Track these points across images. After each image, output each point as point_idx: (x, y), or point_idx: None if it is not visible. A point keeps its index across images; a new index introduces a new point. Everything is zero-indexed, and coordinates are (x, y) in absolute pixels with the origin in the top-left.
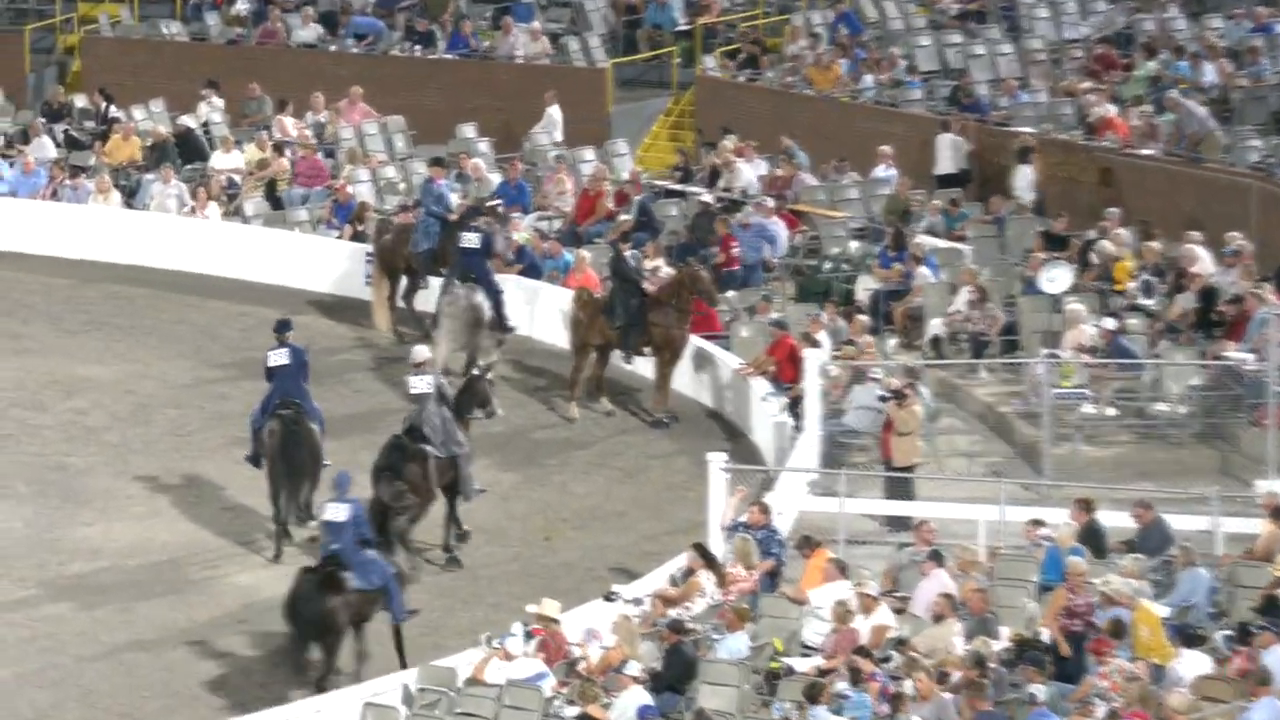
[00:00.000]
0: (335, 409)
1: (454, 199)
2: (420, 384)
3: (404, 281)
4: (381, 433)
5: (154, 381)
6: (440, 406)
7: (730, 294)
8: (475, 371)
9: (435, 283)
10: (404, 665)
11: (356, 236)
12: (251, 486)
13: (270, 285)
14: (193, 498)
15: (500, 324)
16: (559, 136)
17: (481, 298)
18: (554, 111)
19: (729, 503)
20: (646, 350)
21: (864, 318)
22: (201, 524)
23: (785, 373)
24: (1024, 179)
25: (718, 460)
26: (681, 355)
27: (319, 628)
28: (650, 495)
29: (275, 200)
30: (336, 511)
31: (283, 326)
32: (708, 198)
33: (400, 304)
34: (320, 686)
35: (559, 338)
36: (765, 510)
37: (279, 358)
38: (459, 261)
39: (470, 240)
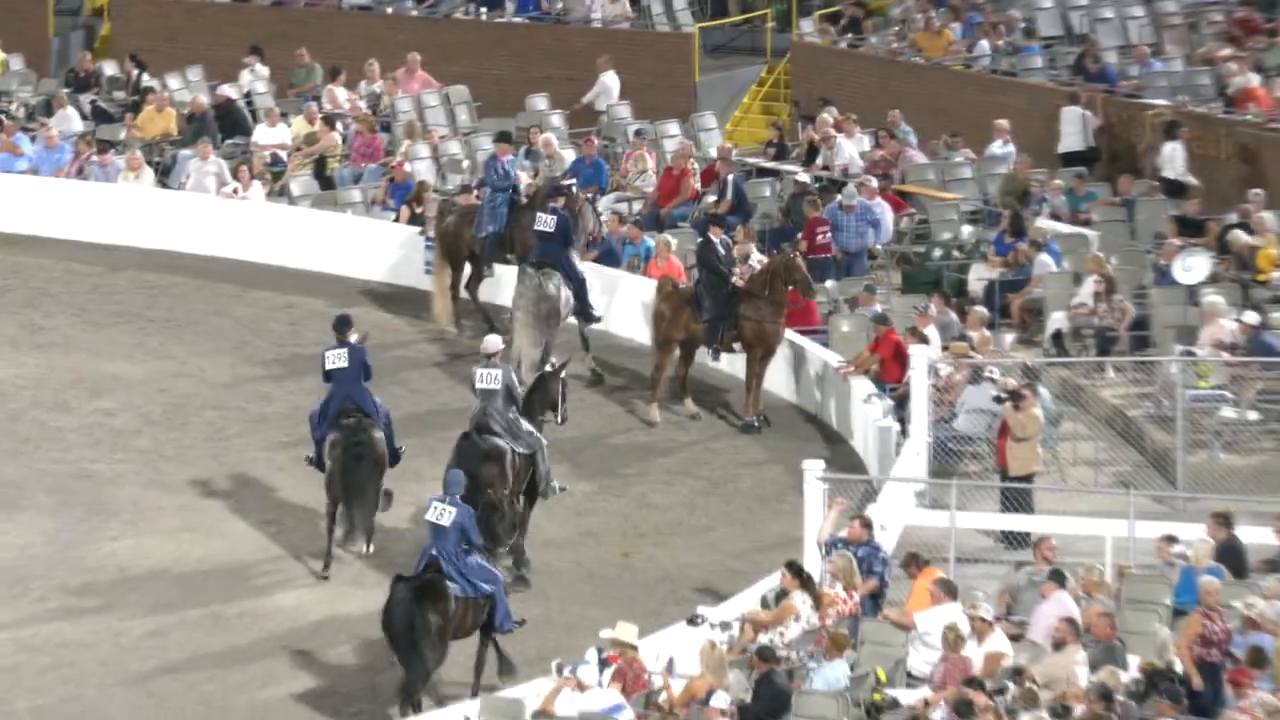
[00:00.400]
0: (390, 410)
1: (522, 178)
2: (488, 378)
3: (467, 269)
4: (439, 437)
5: (189, 380)
6: (508, 406)
7: (829, 284)
8: (549, 368)
9: (502, 271)
10: (509, 670)
11: (415, 219)
12: (298, 496)
13: (319, 273)
14: (231, 509)
15: (584, 314)
16: (614, 103)
17: (556, 286)
18: (608, 79)
19: (827, 516)
20: (736, 347)
21: (980, 309)
22: (240, 539)
23: (890, 372)
24: (1173, 158)
25: (814, 469)
26: (775, 352)
27: (418, 639)
28: (739, 508)
29: (325, 179)
30: (442, 514)
31: (342, 324)
32: (804, 177)
33: (463, 294)
34: (414, 704)
35: (639, 332)
36: (867, 525)
37: (337, 359)
38: (534, 246)
39: (545, 223)
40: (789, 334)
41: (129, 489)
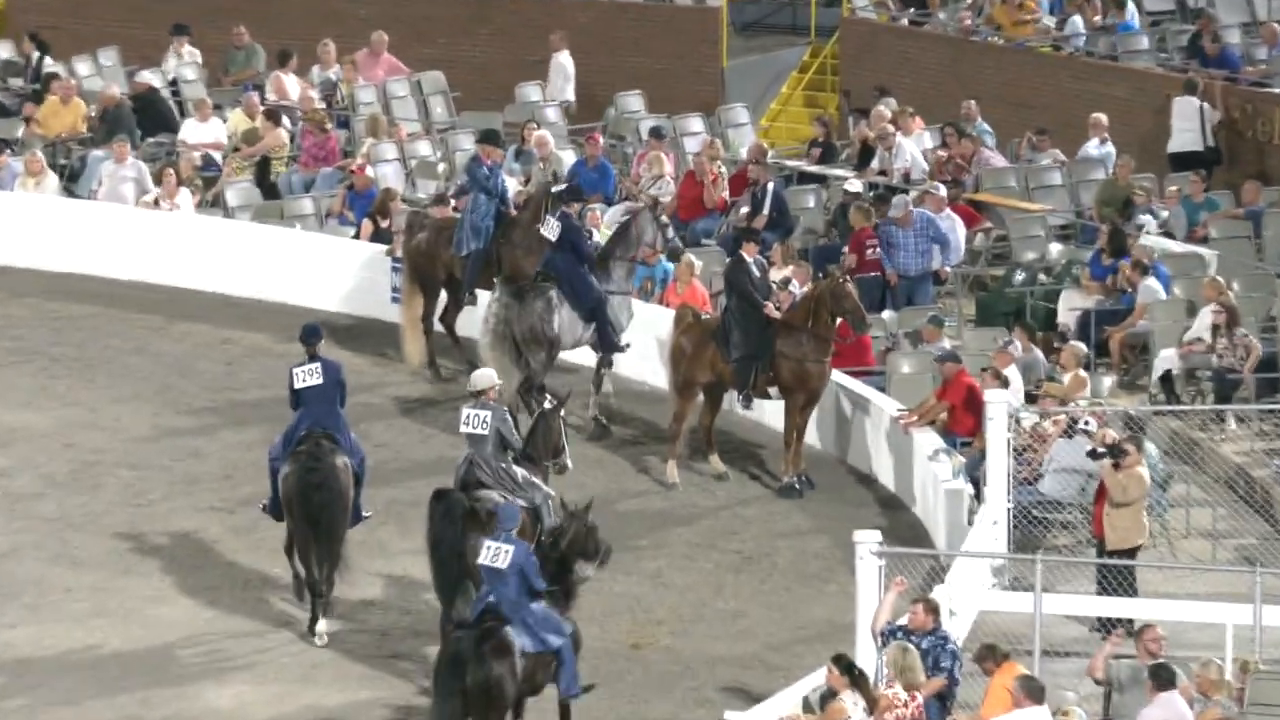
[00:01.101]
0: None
1: (511, 186)
2: (476, 420)
3: (443, 297)
4: (410, 500)
5: (103, 433)
6: (500, 454)
7: (886, 315)
8: (547, 404)
9: (486, 299)
10: None
11: (379, 235)
12: (236, 572)
13: (261, 302)
14: (154, 590)
15: (603, 344)
16: (569, 96)
17: (546, 304)
18: (563, 60)
19: (883, 599)
20: (772, 391)
21: (1074, 345)
22: (165, 625)
23: (961, 422)
24: None
25: (868, 541)
26: (819, 398)
27: (481, 700)
28: (776, 588)
29: (269, 186)
30: (497, 554)
31: (311, 335)
32: (856, 184)
33: (438, 327)
34: None
35: (654, 373)
36: (932, 610)
37: (308, 375)
38: (530, 260)
39: (550, 229)
40: (837, 376)
41: (29, 565)
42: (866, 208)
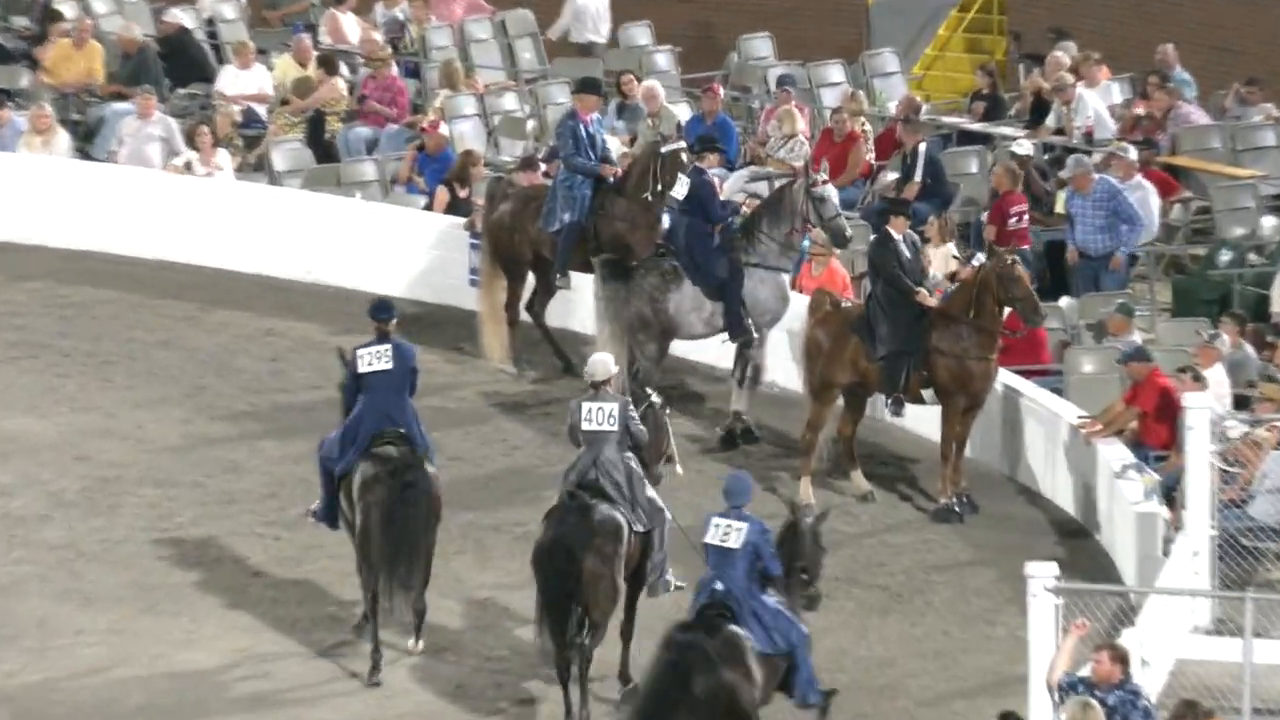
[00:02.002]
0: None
1: (614, 148)
2: (599, 415)
3: (531, 280)
4: (490, 524)
5: (122, 443)
6: (623, 454)
7: (1064, 302)
8: (655, 399)
9: (582, 282)
10: None
11: (455, 206)
12: (281, 608)
13: (314, 286)
14: (183, 633)
15: (733, 327)
16: (599, 35)
17: (661, 284)
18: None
19: (1061, 646)
20: (928, 395)
21: None
22: (196, 675)
23: (1155, 432)
24: None
25: (1043, 575)
26: (983, 403)
27: (708, 715)
28: (931, 631)
29: (323, 146)
30: (727, 533)
31: (382, 311)
32: (1027, 146)
33: (524, 316)
34: None
35: (784, 373)
36: (1121, 659)
37: (376, 359)
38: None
39: (680, 186)
40: (1004, 376)
41: (32, 602)
42: (1014, 169)
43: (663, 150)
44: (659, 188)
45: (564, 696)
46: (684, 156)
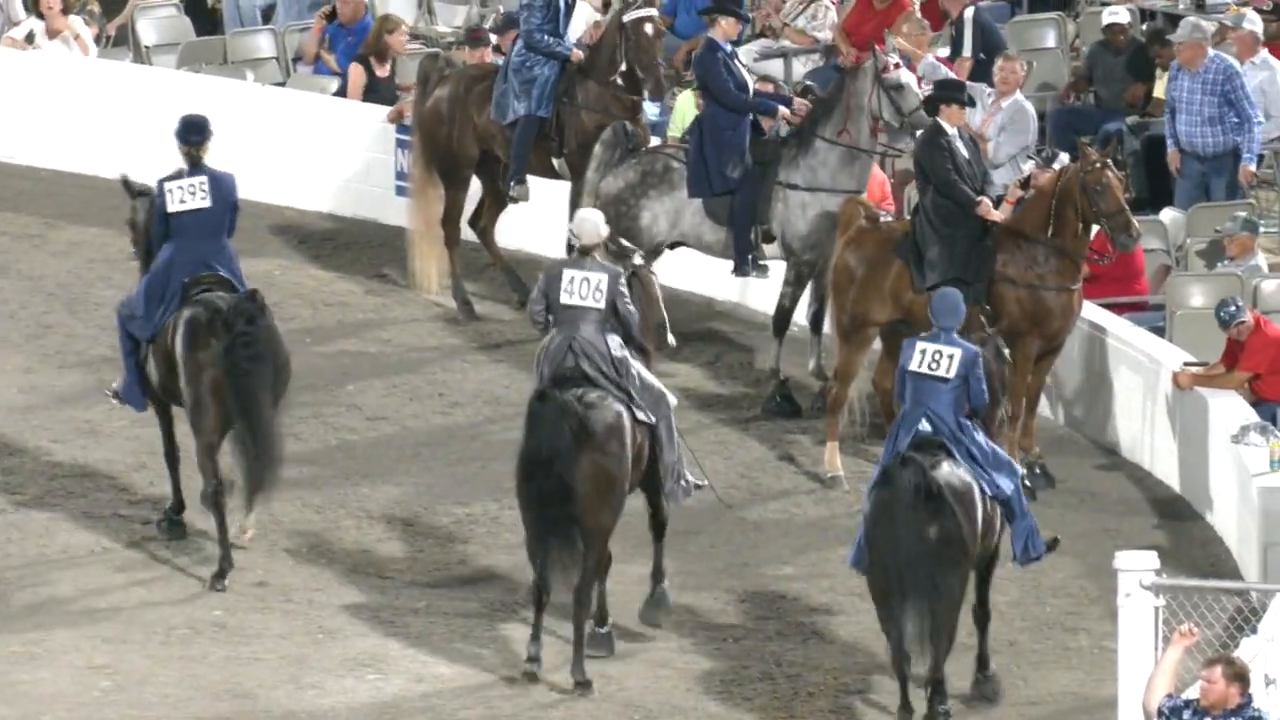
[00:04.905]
0: (321, 453)
1: (581, 17)
2: (584, 286)
3: (476, 187)
4: (424, 497)
5: None
6: (607, 334)
7: (1166, 215)
8: (637, 262)
9: (544, 190)
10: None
11: (375, 90)
12: (152, 610)
13: None
14: (23, 647)
15: (739, 255)
16: None
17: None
18: None
19: (1163, 660)
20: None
21: None
22: (43, 699)
23: (1275, 386)
24: None
25: (1139, 568)
26: (1062, 344)
27: (927, 565)
28: (998, 643)
29: (205, 14)
30: (938, 359)
31: (193, 132)
32: (1121, 11)
33: (467, 233)
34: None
35: (803, 309)
36: (1238, 675)
37: (190, 194)
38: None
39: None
40: (1089, 310)
41: None
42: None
43: (625, 19)
44: (624, 68)
45: (533, 631)
46: (649, 27)
